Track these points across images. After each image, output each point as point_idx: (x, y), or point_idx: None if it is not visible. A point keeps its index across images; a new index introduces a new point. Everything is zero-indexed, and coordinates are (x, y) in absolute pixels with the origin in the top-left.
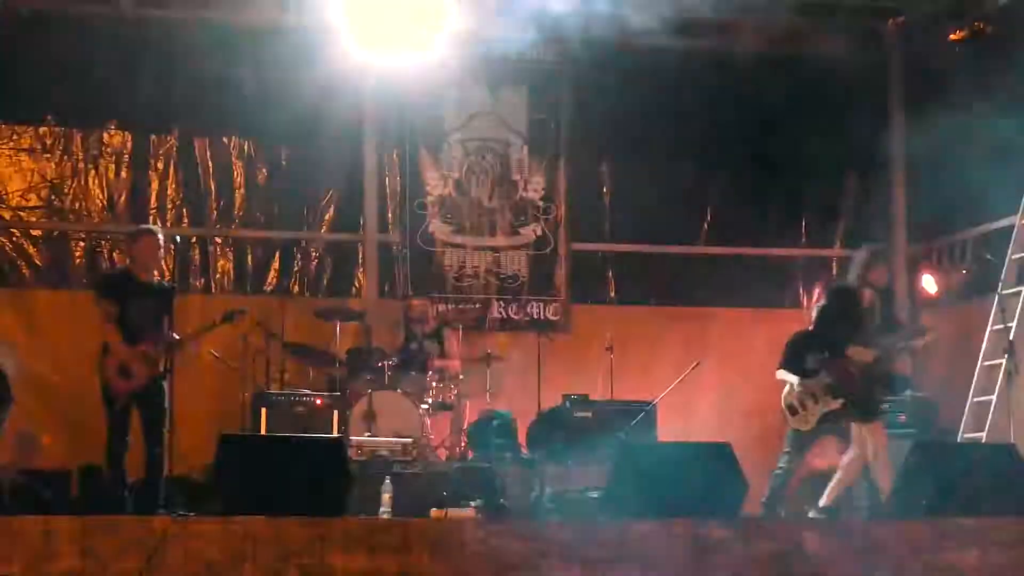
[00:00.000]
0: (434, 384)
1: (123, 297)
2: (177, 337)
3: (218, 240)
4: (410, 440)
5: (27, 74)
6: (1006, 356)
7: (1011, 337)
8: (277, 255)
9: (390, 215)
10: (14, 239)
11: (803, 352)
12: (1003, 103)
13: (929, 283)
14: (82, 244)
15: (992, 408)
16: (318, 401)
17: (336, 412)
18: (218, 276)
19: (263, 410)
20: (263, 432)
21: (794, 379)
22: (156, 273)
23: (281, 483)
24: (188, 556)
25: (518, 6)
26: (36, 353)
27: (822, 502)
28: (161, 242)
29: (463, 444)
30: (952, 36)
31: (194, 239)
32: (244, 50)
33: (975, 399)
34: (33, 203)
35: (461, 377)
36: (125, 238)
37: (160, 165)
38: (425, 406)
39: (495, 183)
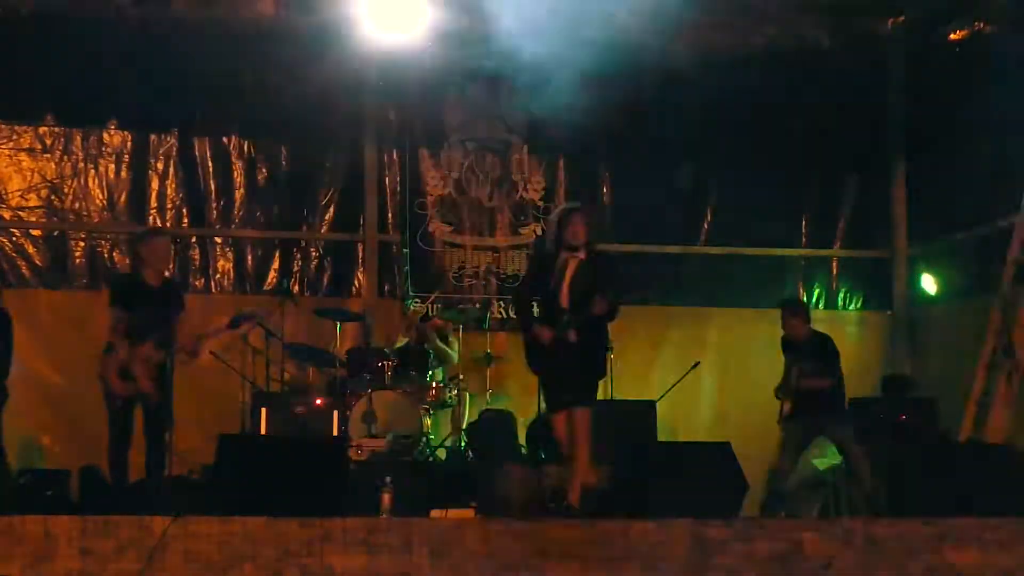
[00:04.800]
0: (434, 384)
1: (132, 303)
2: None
3: (218, 240)
4: (410, 440)
5: (27, 74)
6: (1006, 356)
7: (1011, 337)
8: (277, 255)
9: (390, 215)
10: (14, 239)
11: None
12: (1003, 103)
13: (928, 283)
14: (82, 244)
15: (992, 408)
16: (318, 401)
17: (336, 412)
18: (218, 276)
19: (263, 410)
20: (263, 432)
21: None
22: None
23: (281, 483)
24: (188, 556)
25: (518, 7)
26: (36, 353)
27: None
28: (170, 244)
29: (463, 444)
30: (952, 36)
31: (194, 239)
32: (244, 50)
33: (975, 399)
34: (33, 203)
35: (461, 377)
36: (131, 240)
37: (160, 165)
38: (425, 406)
39: (495, 183)
